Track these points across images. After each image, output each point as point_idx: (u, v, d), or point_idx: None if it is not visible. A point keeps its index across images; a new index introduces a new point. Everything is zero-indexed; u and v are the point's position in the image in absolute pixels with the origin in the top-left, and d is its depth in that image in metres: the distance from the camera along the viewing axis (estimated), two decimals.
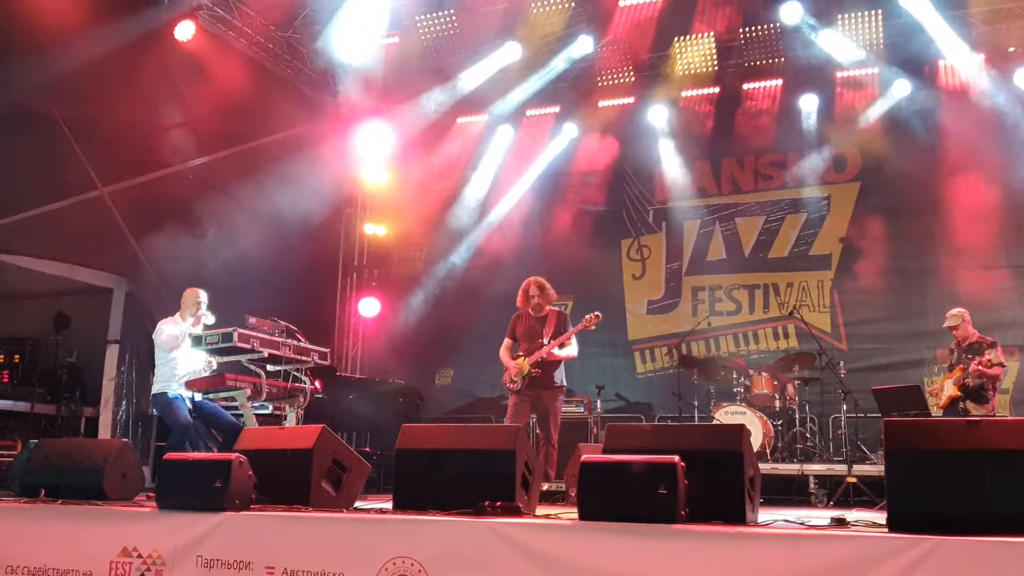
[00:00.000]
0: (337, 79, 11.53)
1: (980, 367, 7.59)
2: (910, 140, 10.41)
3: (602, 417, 9.79)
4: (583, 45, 10.94)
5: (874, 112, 10.72)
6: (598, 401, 10.13)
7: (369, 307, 12.24)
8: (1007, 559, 3.34)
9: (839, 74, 10.81)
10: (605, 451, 4.52)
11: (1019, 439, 3.77)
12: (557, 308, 7.54)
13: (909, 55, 10.34)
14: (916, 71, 10.47)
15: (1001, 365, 7.73)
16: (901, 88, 10.56)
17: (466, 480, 4.55)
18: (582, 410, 9.78)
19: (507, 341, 7.46)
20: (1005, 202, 9.93)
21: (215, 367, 6.87)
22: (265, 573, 4.31)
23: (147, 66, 8.88)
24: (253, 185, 9.92)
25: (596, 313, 7.35)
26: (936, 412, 8.06)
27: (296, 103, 11.21)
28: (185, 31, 9.35)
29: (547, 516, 4.59)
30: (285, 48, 10.96)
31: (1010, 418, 7.65)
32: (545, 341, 7.20)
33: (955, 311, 8.24)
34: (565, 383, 7.46)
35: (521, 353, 7.30)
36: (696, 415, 9.91)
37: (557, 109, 11.94)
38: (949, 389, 7.93)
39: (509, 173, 12.15)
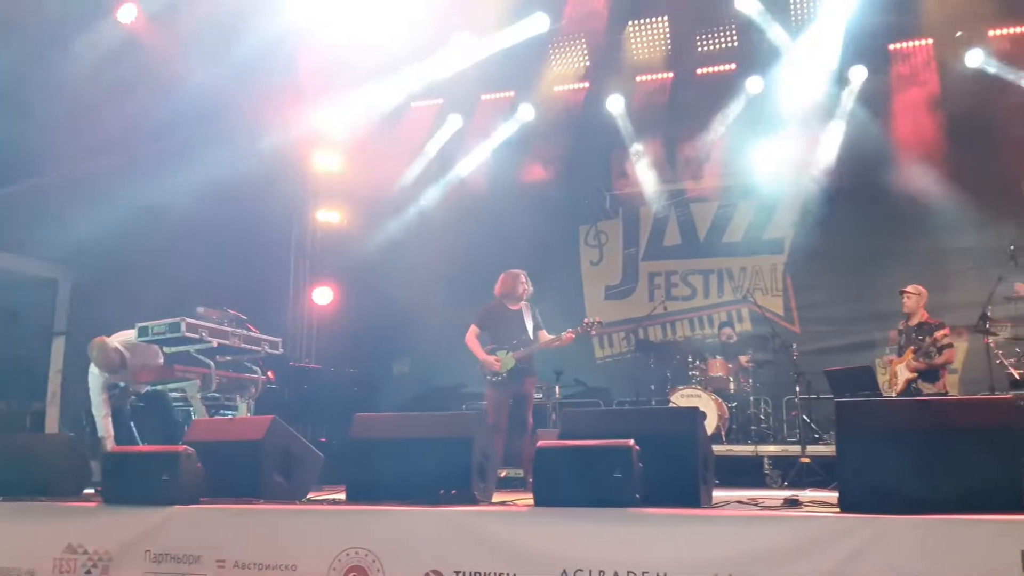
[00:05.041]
0: (286, 63, 11.32)
1: (933, 348, 7.71)
2: (863, 124, 10.51)
3: (559, 403, 9.80)
4: (538, 24, 10.80)
5: (827, 97, 10.78)
6: (556, 387, 10.13)
7: (322, 295, 12.07)
8: (956, 537, 3.39)
9: (793, 58, 10.84)
10: (561, 436, 4.52)
11: (967, 418, 3.83)
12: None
13: (864, 40, 10.39)
14: (870, 57, 10.52)
15: (951, 346, 7.86)
16: (856, 74, 10.63)
17: (421, 469, 4.51)
18: (541, 396, 9.77)
19: (475, 329, 7.48)
20: (954, 185, 10.07)
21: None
22: (215, 566, 4.24)
23: (87, 51, 8.65)
24: (200, 172, 9.70)
25: (599, 319, 7.87)
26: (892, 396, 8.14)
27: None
28: (127, 14, 9.11)
29: (503, 503, 4.57)
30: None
31: (958, 397, 7.77)
32: (530, 333, 7.40)
33: (916, 287, 8.27)
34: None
35: (498, 347, 7.32)
36: (653, 399, 9.96)
37: (512, 93, 11.82)
38: (904, 373, 8.02)
39: (464, 158, 12.05)
